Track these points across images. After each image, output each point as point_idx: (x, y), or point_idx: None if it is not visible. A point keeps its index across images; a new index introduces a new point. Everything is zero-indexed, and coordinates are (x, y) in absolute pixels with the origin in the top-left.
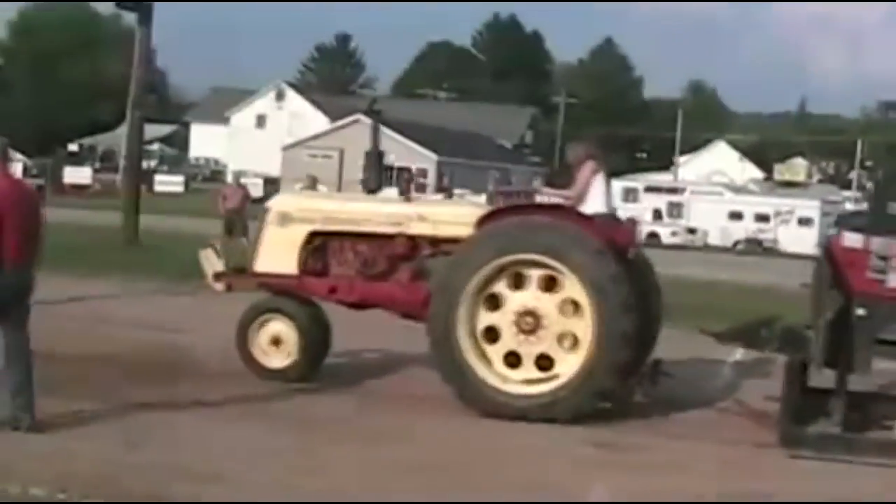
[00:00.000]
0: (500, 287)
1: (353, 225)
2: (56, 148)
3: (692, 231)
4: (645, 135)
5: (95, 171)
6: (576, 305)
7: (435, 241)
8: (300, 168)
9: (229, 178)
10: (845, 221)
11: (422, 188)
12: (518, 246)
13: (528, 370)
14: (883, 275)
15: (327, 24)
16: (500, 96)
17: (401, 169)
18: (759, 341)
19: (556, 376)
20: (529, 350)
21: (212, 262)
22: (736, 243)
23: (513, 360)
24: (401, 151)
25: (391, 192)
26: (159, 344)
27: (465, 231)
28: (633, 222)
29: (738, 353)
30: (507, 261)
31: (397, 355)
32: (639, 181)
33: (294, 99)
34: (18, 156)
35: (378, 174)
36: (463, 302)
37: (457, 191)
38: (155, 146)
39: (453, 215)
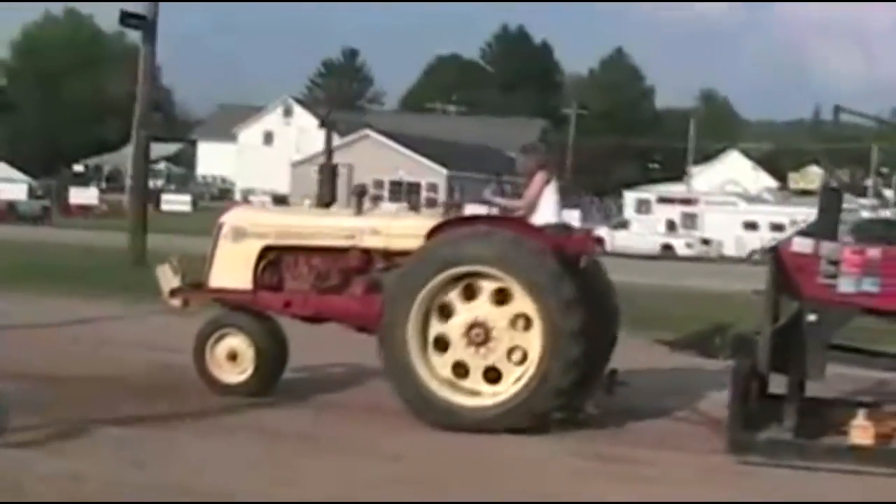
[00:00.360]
0: (453, 297)
1: (307, 239)
2: (61, 168)
3: (706, 242)
4: (657, 145)
5: (102, 191)
6: (527, 320)
7: (388, 254)
8: (309, 185)
9: (237, 197)
10: (863, 229)
11: (432, 203)
12: (459, 257)
13: (476, 382)
14: (833, 280)
15: (334, 38)
16: (510, 109)
17: (410, 184)
18: (712, 349)
19: (500, 391)
20: (478, 362)
21: (168, 278)
22: (751, 253)
23: (461, 371)
24: (410, 166)
25: (391, 207)
26: (164, 365)
27: (417, 244)
28: (585, 232)
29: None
30: (453, 273)
31: (356, 368)
32: (651, 192)
33: (302, 115)
34: (22, 176)
35: (331, 187)
36: (411, 313)
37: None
38: (161, 165)
39: (406, 228)
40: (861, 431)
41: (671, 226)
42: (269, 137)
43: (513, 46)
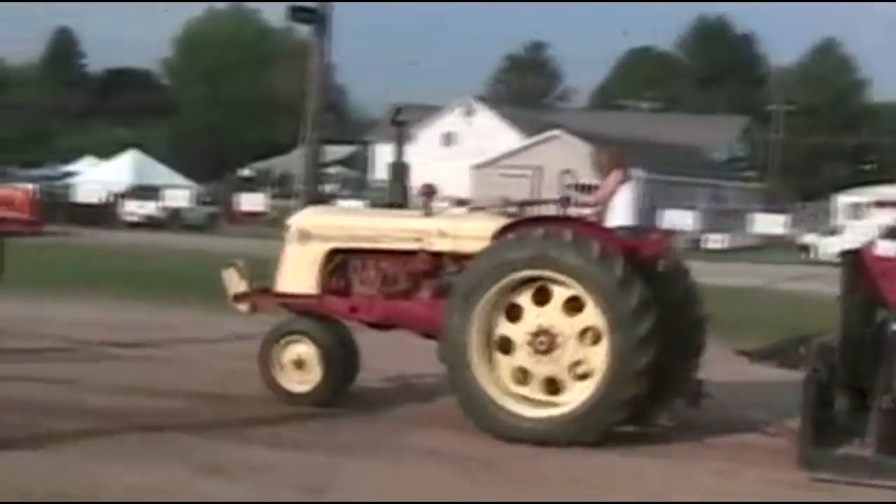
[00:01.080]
0: (524, 300)
1: (373, 242)
2: (226, 172)
3: None
4: (873, 142)
5: (271, 196)
6: (597, 334)
7: (457, 257)
8: (491, 188)
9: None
10: None
11: None
12: (519, 260)
13: (535, 391)
14: None
15: (519, 32)
16: (709, 105)
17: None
18: (794, 359)
19: (565, 402)
20: (539, 371)
21: (233, 283)
22: None
23: (521, 377)
24: None
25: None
26: None
27: (485, 245)
28: (664, 233)
29: None
30: (515, 278)
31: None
32: (866, 195)
33: (484, 114)
34: (186, 181)
35: (402, 188)
36: (472, 319)
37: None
38: (334, 169)
39: (474, 230)
40: None
41: (892, 233)
42: (448, 138)
43: (711, 38)
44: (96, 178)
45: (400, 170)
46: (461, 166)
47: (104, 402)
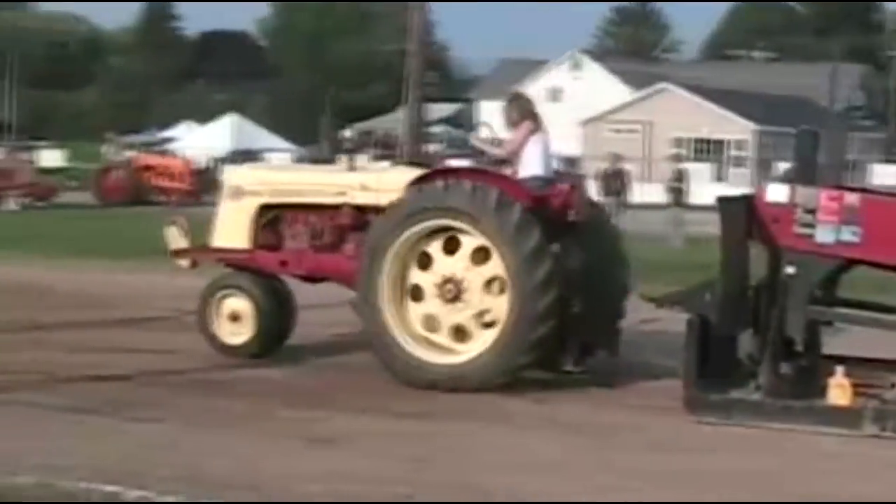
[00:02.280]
0: (434, 249)
1: (300, 196)
2: (328, 134)
3: None
4: None
5: (374, 157)
6: (502, 284)
7: (378, 210)
8: (601, 145)
9: None
10: None
11: (740, 162)
12: (422, 208)
13: (445, 338)
14: (811, 229)
15: None
16: (825, 54)
17: (714, 142)
18: (699, 305)
19: (470, 349)
20: (447, 319)
21: (174, 239)
22: None
23: (432, 325)
24: (714, 121)
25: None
26: None
27: None
28: (571, 183)
29: None
30: (421, 228)
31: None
32: None
33: (591, 68)
34: (287, 145)
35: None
36: (383, 268)
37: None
38: (438, 128)
39: (395, 183)
40: (839, 391)
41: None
42: (555, 94)
43: None
44: (195, 143)
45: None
46: (569, 121)
47: (208, 373)
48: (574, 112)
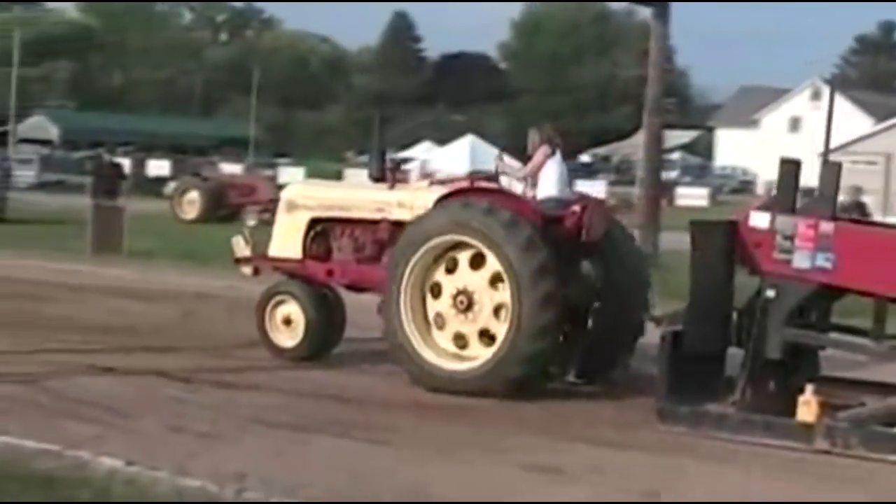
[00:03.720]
0: (440, 276)
1: (346, 211)
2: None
3: None
4: None
5: (610, 183)
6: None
7: None
8: (843, 178)
9: (759, 190)
10: None
11: None
12: (438, 226)
13: (475, 349)
14: (789, 255)
15: (870, 12)
16: None
17: None
18: (676, 322)
19: (474, 356)
20: (470, 328)
21: (239, 248)
22: None
23: (463, 342)
24: None
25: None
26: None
27: None
28: (583, 205)
29: None
30: (436, 243)
31: None
32: None
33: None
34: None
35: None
36: (405, 281)
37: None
38: (676, 155)
39: (427, 200)
40: (805, 408)
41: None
42: (795, 123)
43: None
44: (434, 163)
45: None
46: (808, 152)
47: (421, 395)
48: (813, 143)
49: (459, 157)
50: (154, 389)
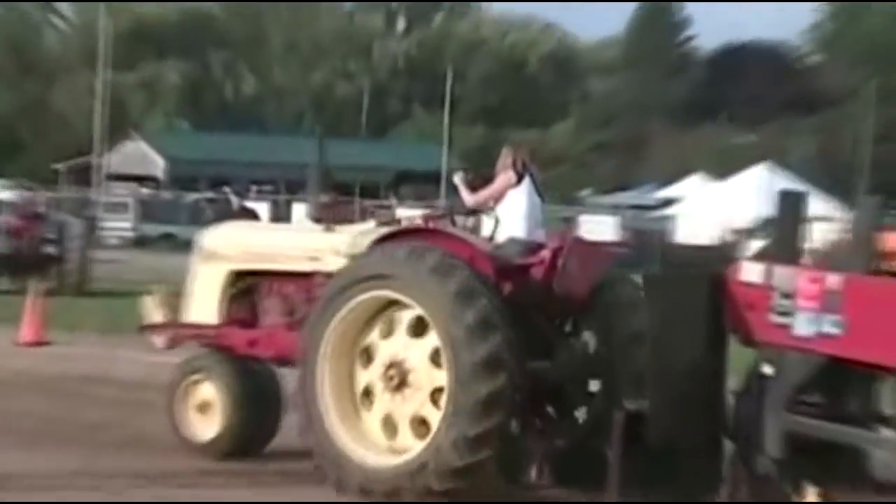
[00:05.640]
0: (374, 338)
1: (270, 262)
2: None
3: None
4: None
5: None
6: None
7: None
8: None
9: None
10: None
11: None
12: (357, 278)
13: (405, 438)
14: (789, 318)
15: None
16: None
17: None
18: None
19: (403, 448)
20: (402, 411)
21: (149, 312)
22: None
23: (391, 428)
24: None
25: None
26: None
27: None
28: (555, 251)
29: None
30: (357, 301)
31: None
32: None
33: None
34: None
35: None
36: (321, 352)
37: None
38: None
39: (364, 247)
40: None
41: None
42: None
43: None
44: (708, 204)
45: None
46: None
47: None
48: None
49: (747, 194)
50: None
